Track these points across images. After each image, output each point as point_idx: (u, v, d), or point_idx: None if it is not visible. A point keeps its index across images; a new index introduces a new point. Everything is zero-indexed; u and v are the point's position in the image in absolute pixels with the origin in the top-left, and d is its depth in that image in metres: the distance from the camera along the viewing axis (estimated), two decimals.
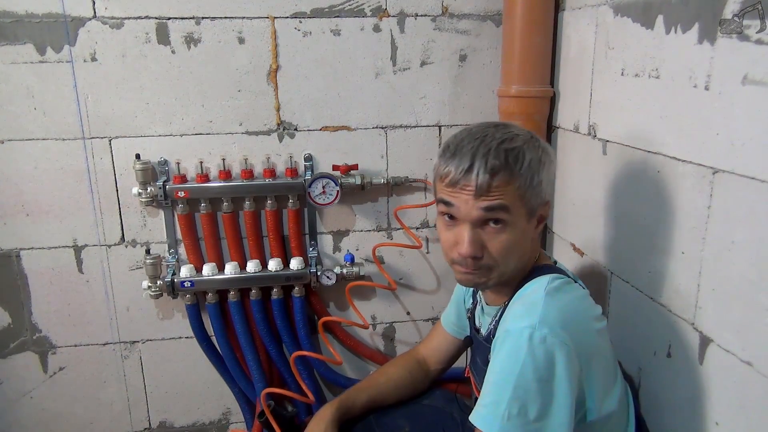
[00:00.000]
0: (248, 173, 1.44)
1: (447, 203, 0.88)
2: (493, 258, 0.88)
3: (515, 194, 0.86)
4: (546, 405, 0.79)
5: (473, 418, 0.84)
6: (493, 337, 0.93)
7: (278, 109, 1.45)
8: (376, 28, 1.43)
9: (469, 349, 1.13)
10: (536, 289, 0.89)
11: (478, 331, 1.05)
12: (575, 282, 0.95)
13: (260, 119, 1.45)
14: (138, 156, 1.41)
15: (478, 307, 1.07)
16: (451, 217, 0.89)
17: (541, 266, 0.96)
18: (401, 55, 1.45)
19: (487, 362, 0.95)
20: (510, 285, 0.96)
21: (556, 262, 1.02)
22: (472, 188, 0.85)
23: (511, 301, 0.93)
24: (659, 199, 1.00)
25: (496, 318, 0.96)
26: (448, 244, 0.91)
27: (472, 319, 1.10)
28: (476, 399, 1.05)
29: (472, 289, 1.14)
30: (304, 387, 1.40)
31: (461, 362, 1.30)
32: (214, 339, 1.55)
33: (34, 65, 1.34)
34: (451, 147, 0.89)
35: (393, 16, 1.42)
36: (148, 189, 1.40)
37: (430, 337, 1.27)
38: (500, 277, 0.91)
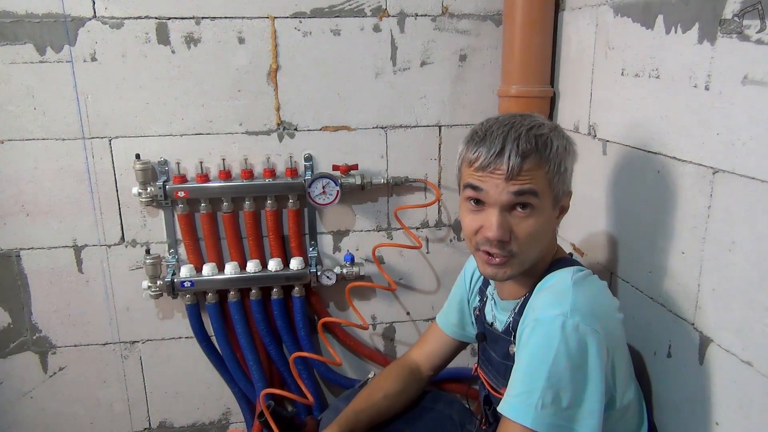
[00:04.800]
0: (248, 173, 1.44)
1: (475, 188, 0.88)
2: (518, 243, 0.88)
3: (544, 179, 0.87)
4: (579, 392, 0.79)
5: (502, 408, 0.83)
6: (514, 329, 0.93)
7: (278, 109, 1.45)
8: (376, 28, 1.43)
9: (477, 346, 1.13)
10: (563, 278, 0.90)
11: (491, 326, 1.05)
12: (594, 274, 0.95)
13: (260, 119, 1.45)
14: (138, 156, 1.41)
15: (489, 304, 1.07)
16: (477, 202, 0.90)
17: (562, 258, 0.97)
18: (401, 55, 1.45)
19: (506, 356, 0.95)
20: (530, 277, 0.96)
21: (572, 255, 1.02)
22: (503, 171, 0.85)
23: (535, 291, 0.93)
24: (659, 199, 1.00)
25: (515, 311, 0.96)
26: (471, 229, 0.91)
27: (481, 316, 1.09)
28: (487, 396, 1.05)
29: (478, 286, 1.14)
30: (303, 387, 1.40)
31: (456, 362, 1.30)
32: (214, 339, 1.55)
33: (34, 65, 1.34)
34: (480, 132, 0.89)
35: (393, 16, 1.42)
36: (148, 189, 1.40)
37: (425, 341, 1.24)
38: (522, 265, 0.91)
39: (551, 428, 0.79)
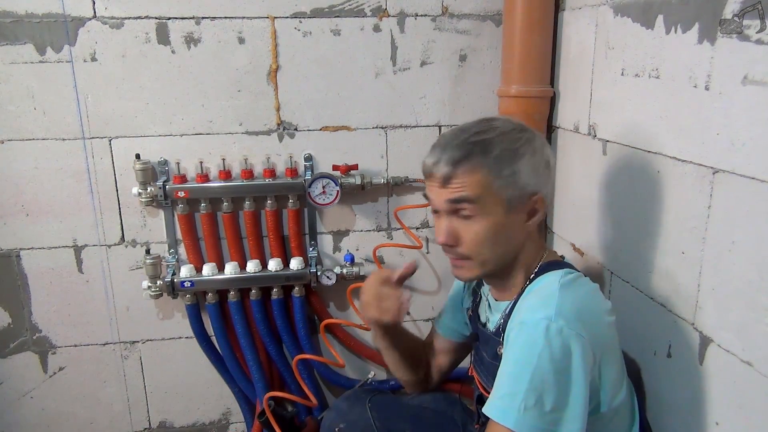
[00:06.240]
0: (248, 173, 1.44)
1: (426, 196, 0.95)
2: (466, 247, 0.91)
3: (481, 185, 0.88)
4: (562, 396, 0.80)
5: (487, 410, 0.83)
6: (503, 330, 0.94)
7: (278, 109, 1.45)
8: (376, 28, 1.43)
9: (472, 347, 1.13)
10: (550, 282, 0.90)
11: (484, 326, 1.05)
12: (585, 276, 0.95)
13: (260, 119, 1.45)
14: (138, 156, 1.41)
15: (483, 304, 1.08)
16: (436, 210, 0.94)
17: (552, 262, 0.98)
18: (401, 55, 1.45)
19: (495, 356, 0.96)
20: (521, 279, 0.96)
21: (564, 258, 1.03)
22: (439, 179, 0.89)
23: (523, 294, 0.94)
24: (659, 199, 1.00)
25: (506, 312, 0.96)
26: (436, 235, 0.96)
27: (474, 316, 1.10)
28: (479, 396, 1.06)
29: (472, 286, 1.15)
30: (305, 389, 1.40)
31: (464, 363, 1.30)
32: (214, 339, 1.55)
33: (34, 65, 1.34)
34: (435, 142, 0.94)
35: (393, 16, 1.42)
36: (148, 189, 1.40)
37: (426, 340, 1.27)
38: (482, 266, 0.93)
39: (534, 431, 0.79)
